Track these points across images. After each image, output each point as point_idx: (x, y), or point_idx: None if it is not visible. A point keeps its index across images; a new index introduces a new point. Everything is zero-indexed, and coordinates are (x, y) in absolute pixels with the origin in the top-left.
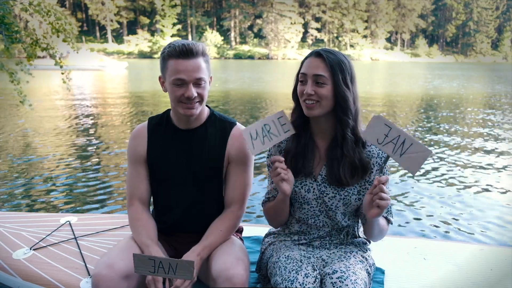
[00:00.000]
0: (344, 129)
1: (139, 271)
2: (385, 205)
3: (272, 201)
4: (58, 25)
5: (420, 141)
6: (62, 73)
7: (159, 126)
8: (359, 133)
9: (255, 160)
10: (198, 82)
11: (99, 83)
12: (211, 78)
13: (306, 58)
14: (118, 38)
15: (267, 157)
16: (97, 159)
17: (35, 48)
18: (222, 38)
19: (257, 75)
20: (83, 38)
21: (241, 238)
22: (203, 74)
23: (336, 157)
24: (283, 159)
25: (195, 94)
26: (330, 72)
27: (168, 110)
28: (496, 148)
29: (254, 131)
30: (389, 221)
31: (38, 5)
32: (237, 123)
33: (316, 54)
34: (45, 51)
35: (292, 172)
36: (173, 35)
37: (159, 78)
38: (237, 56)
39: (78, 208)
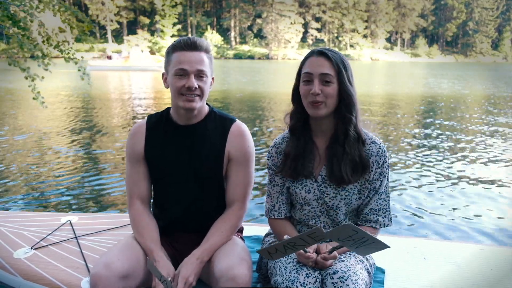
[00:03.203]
0: (347, 127)
1: (151, 270)
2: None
3: (278, 218)
4: (70, 21)
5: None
6: (79, 70)
7: (159, 123)
8: (359, 130)
9: (256, 157)
10: (199, 74)
11: (152, 83)
12: (213, 79)
13: (307, 57)
14: (118, 38)
15: (267, 158)
16: (99, 158)
17: (47, 47)
18: (222, 38)
19: (258, 76)
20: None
21: (242, 238)
22: (205, 68)
23: (336, 155)
24: (312, 255)
25: (196, 85)
26: (335, 71)
27: (168, 108)
28: (497, 148)
29: (274, 249)
30: (385, 225)
31: (50, 2)
32: (236, 120)
33: (319, 53)
34: (56, 49)
35: (292, 174)
36: (173, 35)
37: (162, 75)
38: (237, 56)
39: (79, 207)
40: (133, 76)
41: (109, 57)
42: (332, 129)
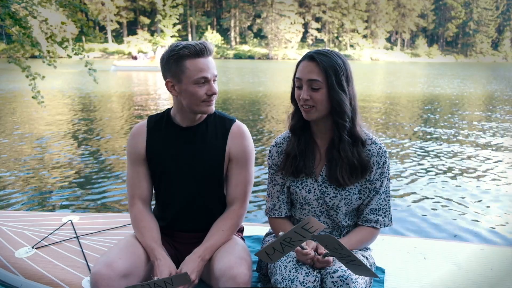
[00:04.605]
0: (340, 132)
1: None
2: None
3: (278, 218)
4: (76, 17)
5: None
6: (86, 66)
7: (159, 123)
8: (357, 133)
9: (256, 156)
10: (215, 79)
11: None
12: None
13: (300, 61)
14: (118, 38)
15: (268, 158)
16: (100, 158)
17: (52, 44)
18: (222, 38)
19: (258, 76)
20: (83, 38)
21: (242, 238)
22: (217, 72)
23: (334, 159)
24: (310, 253)
25: (217, 91)
26: (324, 76)
27: (168, 110)
28: (498, 148)
29: (271, 249)
30: (385, 225)
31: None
32: (236, 120)
33: (309, 57)
34: (61, 46)
35: (293, 172)
36: (173, 36)
37: (167, 82)
38: (237, 56)
39: (80, 207)
40: (158, 76)
41: (135, 58)
42: (330, 132)
